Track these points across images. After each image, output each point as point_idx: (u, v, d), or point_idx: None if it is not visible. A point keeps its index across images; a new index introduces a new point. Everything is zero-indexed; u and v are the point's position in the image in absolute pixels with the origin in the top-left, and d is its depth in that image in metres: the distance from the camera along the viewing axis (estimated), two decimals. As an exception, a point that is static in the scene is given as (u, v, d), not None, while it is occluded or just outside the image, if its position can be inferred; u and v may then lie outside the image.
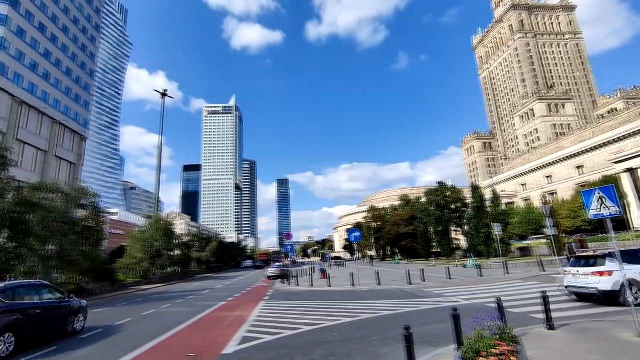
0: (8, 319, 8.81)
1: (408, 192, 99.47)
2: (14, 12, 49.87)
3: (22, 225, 19.41)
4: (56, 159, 57.54)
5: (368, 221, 76.87)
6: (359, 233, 23.97)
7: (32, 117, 52.72)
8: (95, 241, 26.51)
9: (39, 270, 24.20)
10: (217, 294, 23.56)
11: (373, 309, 13.21)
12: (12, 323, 8.88)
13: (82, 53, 66.38)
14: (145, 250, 39.38)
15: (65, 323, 11.15)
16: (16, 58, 49.85)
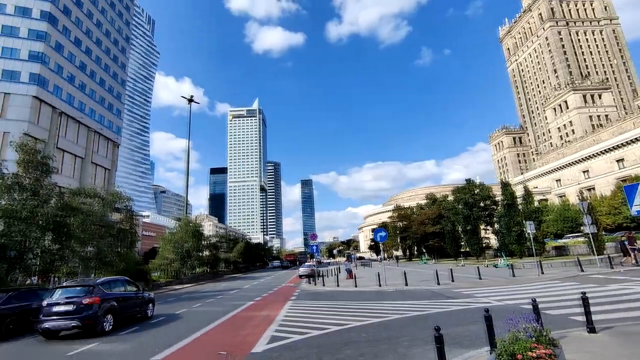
0: (109, 304, 12.17)
1: (434, 191, 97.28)
2: (52, 29, 53.14)
3: (64, 228, 20.63)
4: (92, 165, 60.74)
5: (393, 220, 75.81)
6: (384, 233, 23.68)
7: (70, 127, 55.94)
8: (129, 243, 27.75)
9: (79, 271, 25.65)
10: (245, 293, 24.03)
11: (401, 310, 13.02)
12: (111, 307, 12.24)
13: (114, 64, 69.67)
14: (176, 251, 40.75)
15: (141, 310, 14.42)
16: (55, 71, 53.07)
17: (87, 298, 11.64)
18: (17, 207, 19.10)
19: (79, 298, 11.66)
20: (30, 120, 48.18)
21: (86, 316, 11.29)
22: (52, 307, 11.49)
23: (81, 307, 11.39)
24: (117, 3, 71.85)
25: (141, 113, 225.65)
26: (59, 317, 11.29)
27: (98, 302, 11.68)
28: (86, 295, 11.80)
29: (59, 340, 11.27)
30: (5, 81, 48.21)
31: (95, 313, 11.47)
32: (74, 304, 11.47)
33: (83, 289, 12.18)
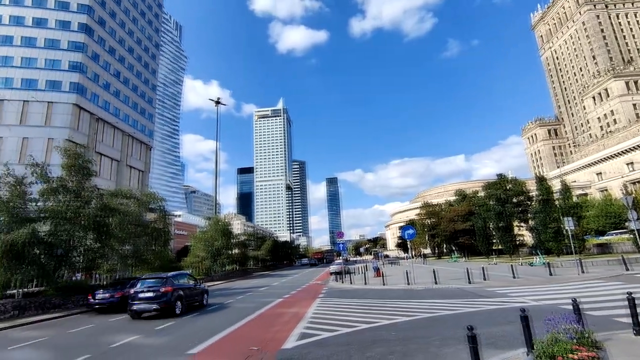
0: (178, 292, 15.16)
1: (464, 187, 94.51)
2: (89, 39, 56.20)
3: (104, 228, 21.84)
4: (128, 167, 63.80)
5: (422, 218, 74.35)
6: (412, 230, 23.32)
7: (107, 131, 59.02)
8: (163, 241, 28.92)
9: (118, 268, 27.08)
10: (274, 290, 24.45)
11: (431, 308, 12.79)
12: (180, 295, 15.22)
13: (146, 70, 72.70)
14: (207, 249, 42.11)
15: (199, 299, 17.45)
16: (92, 80, 56.14)
17: (163, 287, 14.70)
18: (63, 208, 20.41)
19: (157, 287, 14.74)
20: (72, 127, 51.27)
21: (163, 301, 14.38)
22: (138, 294, 14.69)
23: (159, 294, 14.47)
24: (146, 12, 74.87)
25: (171, 116, 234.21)
26: (143, 302, 14.49)
27: (171, 291, 14.72)
28: (162, 285, 14.82)
29: (143, 320, 14.32)
30: (49, 91, 51.58)
31: (170, 299, 14.52)
32: (154, 292, 14.59)
33: (159, 280, 15.24)
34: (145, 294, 14.62)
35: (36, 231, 18.55)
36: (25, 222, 18.92)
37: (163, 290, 14.60)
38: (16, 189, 19.91)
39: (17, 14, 53.76)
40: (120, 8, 65.27)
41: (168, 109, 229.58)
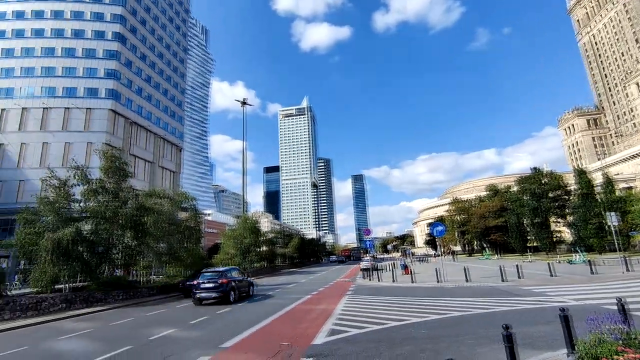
0: (232, 284, 18.09)
1: (495, 182, 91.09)
2: (122, 47, 58.94)
3: (140, 226, 22.95)
4: (160, 168, 66.48)
5: (451, 214, 72.49)
6: (442, 227, 22.78)
7: (140, 135, 61.76)
8: (195, 239, 29.94)
9: (154, 265, 28.33)
10: (302, 287, 24.71)
11: (463, 307, 12.47)
12: (233, 286, 18.17)
13: (175, 74, 75.31)
14: (237, 246, 43.17)
15: (247, 290, 20.37)
16: (126, 85, 58.85)
17: (221, 279, 17.73)
18: (102, 208, 21.64)
19: (216, 279, 17.73)
20: (108, 131, 54.07)
21: (221, 290, 17.46)
22: (201, 285, 17.72)
23: (218, 285, 17.52)
24: (174, 18, 77.49)
25: (200, 118, 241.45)
26: (205, 291, 17.53)
27: (227, 283, 17.74)
28: (220, 277, 17.84)
29: (205, 306, 17.14)
30: (89, 98, 54.64)
31: (226, 289, 17.54)
32: (214, 283, 17.58)
33: (217, 274, 18.23)
34: (207, 285, 17.61)
35: (80, 230, 19.79)
36: (69, 222, 20.23)
37: (222, 281, 17.61)
38: (60, 190, 21.30)
39: (57, 26, 57.26)
40: (150, 16, 67.93)
41: (197, 111, 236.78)
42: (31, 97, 53.26)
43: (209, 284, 17.60)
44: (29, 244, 19.21)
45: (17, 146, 50.82)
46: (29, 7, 57.72)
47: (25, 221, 20.11)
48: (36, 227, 19.71)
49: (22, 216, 20.17)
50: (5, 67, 54.89)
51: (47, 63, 55.43)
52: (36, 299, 16.75)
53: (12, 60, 55.20)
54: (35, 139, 51.37)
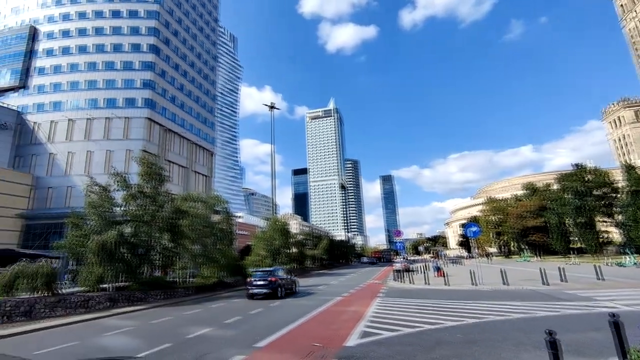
0: (280, 281, 20.56)
1: (533, 179, 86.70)
2: (157, 58, 61.90)
3: (177, 229, 23.94)
4: (194, 173, 69.01)
5: (486, 214, 69.69)
6: (476, 228, 21.97)
7: (175, 141, 64.47)
8: (228, 241, 30.79)
9: (190, 266, 29.38)
10: (332, 289, 24.68)
11: (501, 311, 11.95)
12: (281, 283, 20.62)
13: (206, 82, 78.00)
14: (267, 248, 43.92)
15: (292, 287, 22.64)
16: (161, 94, 61.71)
17: (271, 277, 20.17)
18: (141, 212, 22.79)
19: (266, 277, 20.16)
20: (145, 138, 56.90)
21: (272, 287, 19.81)
22: (254, 282, 20.24)
23: (269, 282, 19.88)
24: (204, 27, 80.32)
25: (230, 123, 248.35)
26: (257, 287, 20.00)
27: (275, 280, 20.11)
28: (270, 276, 20.27)
29: (257, 300, 19.35)
30: (127, 108, 57.85)
31: (275, 286, 19.88)
32: (265, 280, 20.02)
33: (267, 273, 20.74)
34: (259, 282, 20.07)
35: (122, 232, 20.96)
36: (112, 225, 21.48)
37: (271, 279, 20.04)
38: (103, 196, 22.67)
39: (98, 42, 61.14)
40: (182, 27, 70.87)
41: (227, 116, 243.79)
42: (77, 109, 57.15)
43: (260, 282, 20.04)
44: (77, 245, 20.59)
45: (65, 155, 54.68)
46: (74, 26, 62.04)
47: (73, 225, 21.56)
48: (83, 230, 21.10)
49: (70, 220, 21.66)
50: (54, 82, 59.30)
51: (90, 77, 59.25)
52: (84, 297, 17.89)
53: (60, 76, 59.53)
54: (80, 147, 55.03)
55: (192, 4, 75.98)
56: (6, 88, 60.48)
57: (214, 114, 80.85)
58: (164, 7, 65.63)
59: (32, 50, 61.71)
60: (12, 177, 49.12)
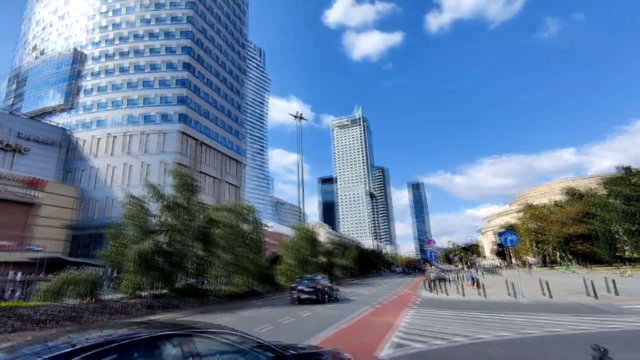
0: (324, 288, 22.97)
1: (575, 184, 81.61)
2: (190, 75, 64.93)
3: (209, 238, 24.63)
4: (225, 184, 71.03)
5: (524, 222, 66.24)
6: (514, 236, 20.89)
7: (207, 153, 66.84)
8: (258, 250, 31.25)
9: (221, 274, 30.03)
10: (362, 299, 24.28)
11: (545, 325, 11.21)
12: (325, 290, 22.87)
13: (236, 96, 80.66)
14: (296, 257, 44.09)
15: (333, 294, 24.34)
16: (194, 109, 64.46)
17: (317, 285, 22.89)
18: (176, 222, 23.69)
19: (312, 284, 22.94)
20: (179, 152, 59.47)
21: (317, 293, 22.26)
22: (302, 288, 22.83)
23: (315, 289, 22.48)
24: (234, 44, 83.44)
25: (259, 134, 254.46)
26: (304, 293, 22.52)
27: (321, 288, 22.70)
28: (316, 283, 23.13)
29: (304, 305, 21.30)
30: (163, 123, 60.91)
31: (321, 292, 22.37)
32: (311, 287, 22.66)
33: (313, 280, 23.94)
34: (306, 289, 22.67)
35: (157, 242, 21.85)
36: (149, 234, 22.46)
37: (317, 286, 22.66)
38: (139, 207, 23.82)
39: (137, 62, 65.15)
40: (214, 44, 74.04)
41: (256, 128, 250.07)
42: (117, 125, 60.90)
43: (308, 288, 22.66)
44: (116, 254, 21.69)
45: (106, 168, 58.21)
46: (115, 48, 66.55)
47: (113, 235, 22.77)
48: (122, 240, 22.22)
49: (110, 231, 22.89)
50: (97, 101, 63.66)
51: (129, 95, 63.08)
52: (124, 303, 18.74)
53: (102, 95, 63.84)
54: (119, 161, 58.39)
55: (223, 22, 79.29)
56: (57, 108, 65.61)
57: (243, 126, 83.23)
58: (197, 26, 68.96)
59: (78, 73, 66.68)
60: (60, 190, 52.82)
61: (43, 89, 68.38)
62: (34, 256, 42.15)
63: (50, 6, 78.48)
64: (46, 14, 78.36)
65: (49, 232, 49.01)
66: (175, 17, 67.75)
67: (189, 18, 67.68)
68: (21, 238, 45.23)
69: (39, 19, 79.55)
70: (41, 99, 67.90)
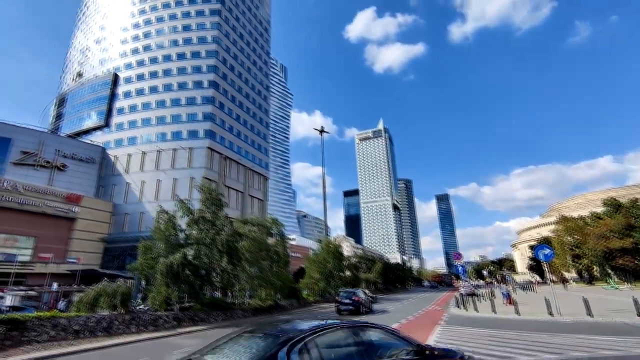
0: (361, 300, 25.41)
1: (615, 194, 76.97)
2: (216, 93, 67.34)
3: (235, 251, 24.98)
4: (249, 197, 72.18)
5: (559, 235, 62.86)
6: (549, 250, 19.84)
7: (232, 167, 68.45)
8: (283, 263, 31.33)
9: (247, 288, 30.24)
10: (390, 315, 23.67)
11: (588, 346, 10.46)
12: (362, 302, 25.41)
13: (260, 111, 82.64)
14: (320, 271, 43.78)
15: (370, 305, 26.95)
16: (220, 125, 66.51)
17: (355, 297, 25.35)
18: (203, 236, 24.23)
19: (351, 296, 25.46)
20: (206, 166, 61.25)
21: (355, 305, 24.81)
22: (342, 299, 25.64)
23: (353, 301, 25.10)
24: (258, 61, 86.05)
25: (282, 148, 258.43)
26: (344, 305, 25.23)
27: (358, 300, 25.15)
28: (354, 295, 25.64)
29: (342, 315, 24.38)
30: (190, 139, 63.22)
31: (358, 304, 24.92)
32: (349, 299, 25.33)
33: (350, 293, 26.30)
34: (345, 300, 25.45)
35: (185, 255, 22.39)
36: (177, 248, 23.07)
37: (355, 298, 25.22)
38: (169, 222, 24.59)
39: (167, 82, 68.42)
40: (238, 62, 76.70)
41: (279, 142, 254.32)
42: (148, 142, 63.71)
43: (347, 300, 25.40)
44: (147, 267, 22.39)
45: (139, 184, 60.72)
46: (147, 70, 70.27)
47: (144, 248, 23.56)
48: (152, 253, 22.94)
49: (142, 245, 23.71)
50: (131, 120, 67.04)
51: (159, 113, 66.07)
52: (154, 316, 19.20)
53: (135, 114, 67.21)
54: (150, 177, 60.81)
55: (247, 40, 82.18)
56: (93, 127, 69.64)
57: (267, 140, 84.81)
58: (222, 46, 71.82)
59: (114, 94, 70.71)
60: (96, 205, 55.50)
61: (81, 109, 72.93)
62: (70, 268, 44.24)
63: (89, 33, 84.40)
64: (85, 41, 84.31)
65: (85, 245, 51.36)
66: (202, 38, 70.91)
67: (214, 38, 70.67)
68: (60, 251, 47.65)
69: (80, 46, 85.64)
70: (79, 119, 72.35)
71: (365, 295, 27.73)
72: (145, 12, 76.23)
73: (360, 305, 24.71)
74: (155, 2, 76.20)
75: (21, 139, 55.72)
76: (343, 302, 25.14)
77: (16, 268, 39.51)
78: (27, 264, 42.59)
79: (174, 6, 74.79)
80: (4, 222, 43.80)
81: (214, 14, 72.97)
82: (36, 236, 46.54)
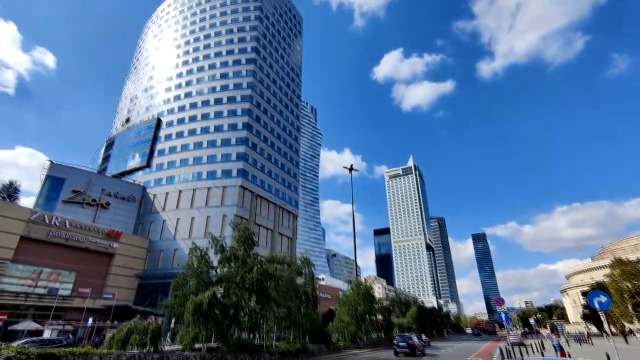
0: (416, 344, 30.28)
1: (677, 235, 69.48)
2: (249, 134, 70.55)
3: (264, 291, 24.59)
4: (279, 235, 72.32)
5: (615, 280, 56.86)
6: (606, 298, 17.74)
7: (263, 205, 69.58)
8: (312, 304, 30.35)
9: (274, 329, 29.33)
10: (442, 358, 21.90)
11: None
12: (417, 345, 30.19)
13: (290, 151, 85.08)
14: (351, 314, 41.81)
15: (423, 349, 31.59)
16: (252, 165, 68.85)
17: (410, 340, 29.59)
18: (233, 273, 24.21)
19: (407, 340, 29.67)
20: (238, 204, 62.77)
21: (411, 347, 28.93)
22: (398, 343, 29.94)
23: (408, 344, 29.28)
24: (289, 103, 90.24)
25: (312, 186, 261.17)
26: (400, 347, 29.21)
27: (414, 343, 29.28)
28: (409, 339, 29.78)
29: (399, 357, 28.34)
30: (224, 178, 65.68)
31: (414, 347, 28.89)
32: (406, 342, 29.60)
33: (407, 337, 30.57)
34: (401, 343, 29.56)
35: (215, 294, 22.31)
36: (208, 286, 23.10)
37: (411, 342, 29.24)
38: (202, 259, 24.90)
39: (205, 125, 72.95)
40: (270, 105, 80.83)
41: (309, 180, 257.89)
42: (185, 181, 66.81)
43: (403, 343, 29.52)
44: (177, 305, 22.44)
45: (174, 221, 62.92)
46: (187, 115, 75.53)
47: (177, 286, 23.81)
48: (184, 291, 23.08)
49: (175, 282, 24.01)
50: (170, 161, 71.14)
51: (196, 154, 69.78)
52: (181, 356, 18.93)
53: (174, 155, 71.38)
54: (185, 214, 62.96)
55: (279, 85, 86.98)
56: (136, 168, 74.41)
57: (297, 179, 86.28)
58: (256, 90, 76.38)
59: (156, 137, 76.00)
60: (133, 241, 57.76)
61: (127, 151, 78.69)
62: (105, 303, 45.37)
63: (138, 82, 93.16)
64: (135, 90, 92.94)
65: (120, 281, 52.88)
66: (238, 84, 75.96)
67: (249, 84, 75.45)
68: (98, 285, 49.29)
69: (130, 95, 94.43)
70: (124, 160, 77.85)
71: (419, 340, 32.01)
72: (188, 63, 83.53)
73: (415, 348, 28.59)
74: (197, 54, 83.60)
75: (73, 179, 60.41)
76: (399, 345, 29.03)
77: (57, 302, 41.14)
78: (67, 298, 44.26)
79: (213, 57, 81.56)
80: (50, 257, 46.42)
81: (249, 62, 78.60)
82: (77, 271, 48.67)
